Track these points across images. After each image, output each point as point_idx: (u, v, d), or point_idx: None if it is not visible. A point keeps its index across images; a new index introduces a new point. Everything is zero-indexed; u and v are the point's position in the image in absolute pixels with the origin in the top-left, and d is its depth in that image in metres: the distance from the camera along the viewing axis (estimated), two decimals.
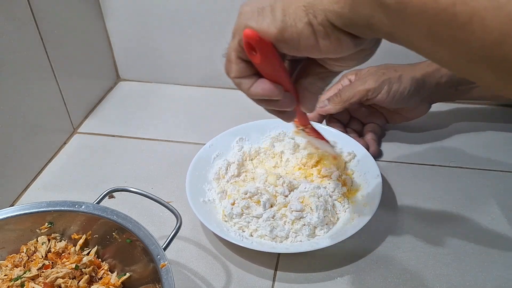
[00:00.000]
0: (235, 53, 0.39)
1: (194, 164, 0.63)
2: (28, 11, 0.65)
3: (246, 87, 0.40)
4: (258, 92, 0.40)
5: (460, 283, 0.52)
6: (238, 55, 0.39)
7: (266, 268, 0.55)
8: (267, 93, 0.40)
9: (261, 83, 0.40)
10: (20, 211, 0.49)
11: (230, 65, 0.40)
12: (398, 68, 0.66)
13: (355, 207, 0.58)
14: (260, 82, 0.40)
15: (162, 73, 0.89)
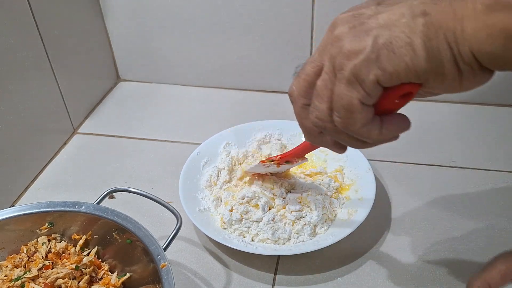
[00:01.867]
0: (359, 101, 0.32)
1: (184, 174, 0.62)
2: (28, 11, 0.65)
3: (376, 133, 0.34)
4: (396, 131, 0.35)
5: (460, 283, 0.52)
6: (365, 102, 0.33)
7: (266, 268, 0.55)
8: (405, 128, 0.35)
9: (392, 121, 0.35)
10: (20, 212, 0.49)
11: (353, 116, 0.33)
12: None
13: (351, 202, 0.59)
14: (389, 121, 0.35)
15: (162, 73, 0.89)
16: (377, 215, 0.59)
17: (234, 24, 0.79)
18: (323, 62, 0.34)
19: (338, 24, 0.34)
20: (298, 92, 0.37)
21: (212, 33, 0.81)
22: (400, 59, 0.30)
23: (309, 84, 0.36)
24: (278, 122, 0.70)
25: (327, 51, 0.34)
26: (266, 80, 0.84)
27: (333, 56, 0.33)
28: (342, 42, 0.32)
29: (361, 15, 0.33)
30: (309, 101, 0.36)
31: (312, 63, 0.35)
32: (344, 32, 0.33)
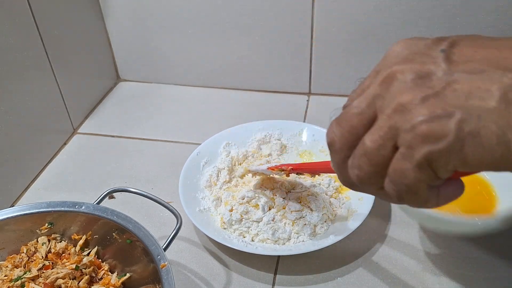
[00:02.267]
0: (427, 185, 0.29)
1: (184, 174, 0.62)
2: (28, 11, 0.65)
3: (433, 203, 0.31)
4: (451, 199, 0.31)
5: (460, 283, 0.52)
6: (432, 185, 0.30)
7: (266, 268, 0.55)
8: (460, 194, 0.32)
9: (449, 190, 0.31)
10: (20, 212, 0.49)
11: (415, 196, 0.30)
12: None
13: (351, 202, 0.59)
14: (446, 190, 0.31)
15: (162, 73, 0.89)
16: (377, 215, 0.59)
17: (234, 24, 0.79)
18: (374, 116, 0.30)
19: (399, 81, 0.29)
20: (341, 144, 0.32)
21: (212, 33, 0.81)
22: (488, 153, 0.26)
23: (355, 137, 0.31)
24: (278, 122, 0.70)
25: (385, 113, 0.29)
26: (266, 80, 0.84)
27: (397, 127, 0.28)
28: (413, 117, 0.27)
29: (430, 76, 0.28)
30: (351, 153, 0.32)
31: (359, 115, 0.31)
32: (414, 102, 0.28)
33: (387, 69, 0.30)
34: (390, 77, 0.29)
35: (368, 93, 0.31)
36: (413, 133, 0.27)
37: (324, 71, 0.81)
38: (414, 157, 0.28)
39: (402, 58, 0.30)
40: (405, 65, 0.29)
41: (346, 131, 0.32)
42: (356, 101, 0.31)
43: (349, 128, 0.31)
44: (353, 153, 0.32)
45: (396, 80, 0.29)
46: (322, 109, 0.80)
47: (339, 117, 0.32)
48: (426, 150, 0.27)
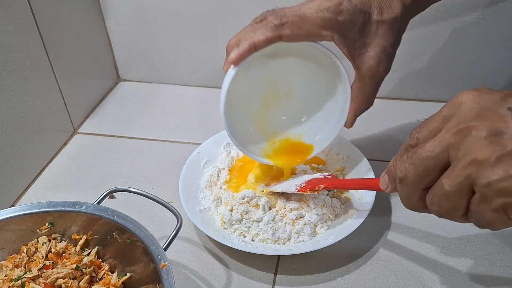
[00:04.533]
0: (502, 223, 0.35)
1: (184, 174, 0.62)
2: (28, 11, 0.65)
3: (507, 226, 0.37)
4: None
5: (460, 283, 0.52)
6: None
7: (266, 268, 0.55)
8: None
9: None
10: (20, 212, 0.49)
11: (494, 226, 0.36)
12: None
13: (352, 202, 0.59)
14: None
15: (162, 73, 0.89)
16: (377, 215, 0.59)
17: (234, 24, 0.79)
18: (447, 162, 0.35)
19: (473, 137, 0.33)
20: (415, 181, 0.37)
21: (212, 33, 0.81)
22: None
23: (429, 178, 0.36)
24: None
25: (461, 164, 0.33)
26: None
27: (474, 178, 0.33)
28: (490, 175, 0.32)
29: (501, 135, 0.33)
30: (424, 187, 0.37)
31: (434, 159, 0.35)
32: (490, 160, 0.32)
33: (461, 121, 0.34)
34: (465, 131, 0.34)
35: (443, 140, 0.35)
36: (490, 188, 0.32)
37: None
38: (491, 206, 0.33)
39: (475, 114, 0.34)
40: (478, 121, 0.34)
41: (421, 170, 0.36)
42: (430, 145, 0.35)
43: (424, 169, 0.36)
44: (432, 191, 0.37)
45: (470, 136, 0.33)
46: None
47: (411, 155, 0.37)
48: (502, 202, 0.32)
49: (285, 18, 0.48)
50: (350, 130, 0.58)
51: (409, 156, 0.37)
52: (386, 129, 0.75)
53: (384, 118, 0.77)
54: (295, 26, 0.48)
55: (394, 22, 0.50)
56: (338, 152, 0.66)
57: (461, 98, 0.35)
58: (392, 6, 0.50)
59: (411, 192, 0.38)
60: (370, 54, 0.51)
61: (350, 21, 0.49)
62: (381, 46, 0.51)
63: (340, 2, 0.49)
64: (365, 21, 0.50)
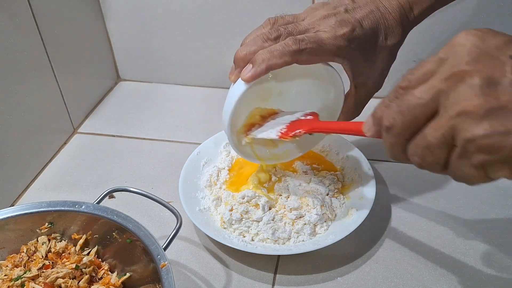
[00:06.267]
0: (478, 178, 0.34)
1: (184, 174, 0.62)
2: (28, 11, 0.65)
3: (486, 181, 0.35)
4: None
5: (460, 283, 0.52)
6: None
7: (266, 268, 0.55)
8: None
9: None
10: (20, 211, 0.49)
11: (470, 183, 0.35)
12: None
13: (352, 202, 0.59)
14: None
15: (162, 73, 0.89)
16: (377, 215, 0.59)
17: (234, 24, 0.79)
18: (435, 109, 0.33)
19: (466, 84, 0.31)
20: (401, 130, 0.35)
21: (212, 33, 0.81)
22: None
23: (415, 127, 0.34)
24: None
25: (448, 113, 0.31)
26: None
27: (458, 129, 0.31)
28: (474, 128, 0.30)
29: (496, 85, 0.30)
30: (409, 137, 0.35)
31: (423, 106, 0.33)
32: (478, 113, 0.30)
33: (454, 65, 0.32)
34: (457, 77, 0.31)
35: (433, 85, 0.32)
36: (473, 144, 0.30)
37: None
38: (471, 161, 0.31)
39: (471, 58, 0.31)
40: (474, 66, 0.31)
41: (408, 120, 0.34)
42: (419, 91, 0.33)
43: (411, 118, 0.34)
44: (413, 142, 0.34)
45: (463, 82, 0.31)
46: None
47: (399, 102, 0.34)
48: (482, 159, 0.31)
49: (304, 44, 0.47)
50: None
51: (397, 103, 0.34)
52: None
53: None
54: (312, 53, 0.48)
55: (395, 46, 0.53)
56: (338, 152, 0.66)
57: (460, 39, 0.33)
58: (394, 32, 0.52)
59: (396, 142, 0.36)
60: (370, 76, 0.53)
61: (360, 48, 0.50)
62: (380, 69, 0.53)
63: (354, 28, 0.49)
64: (371, 47, 0.51)
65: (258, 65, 0.48)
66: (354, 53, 0.50)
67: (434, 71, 0.33)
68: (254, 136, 0.55)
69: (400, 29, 0.52)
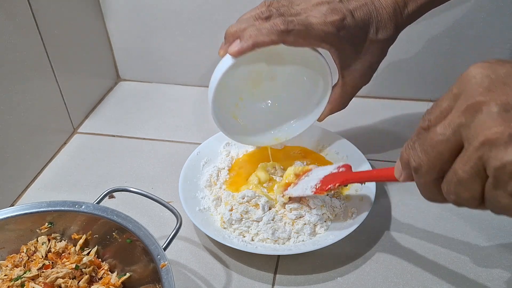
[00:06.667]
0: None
1: (184, 174, 0.62)
2: (28, 11, 0.65)
3: None
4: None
5: (460, 283, 0.52)
6: None
7: (266, 268, 0.55)
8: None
9: None
10: (20, 211, 0.49)
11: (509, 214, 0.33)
12: None
13: (352, 202, 0.59)
14: None
15: (162, 73, 0.89)
16: (377, 215, 0.59)
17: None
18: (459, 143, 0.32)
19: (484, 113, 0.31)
20: (429, 169, 0.35)
21: (212, 33, 0.81)
22: None
23: (443, 163, 0.34)
24: None
25: (473, 145, 0.31)
26: None
27: (486, 159, 0.31)
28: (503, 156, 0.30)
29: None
30: (439, 176, 0.35)
31: (446, 142, 0.33)
32: (503, 139, 0.30)
33: (469, 97, 0.32)
34: (474, 108, 0.31)
35: (452, 121, 0.32)
36: (504, 171, 0.30)
37: None
38: (507, 189, 0.30)
39: (484, 88, 0.31)
40: (488, 96, 0.31)
41: (433, 157, 0.34)
42: (441, 128, 0.33)
43: (436, 155, 0.33)
44: (446, 179, 0.34)
45: (481, 112, 0.31)
46: None
47: (423, 141, 0.35)
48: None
49: (292, 25, 0.49)
50: (350, 130, 0.58)
51: (420, 143, 0.35)
52: (386, 129, 0.75)
53: (384, 118, 0.77)
54: (300, 35, 0.49)
55: (386, 42, 0.54)
56: (338, 152, 0.66)
57: (471, 72, 0.33)
58: (386, 27, 0.53)
59: (427, 182, 0.36)
60: (357, 67, 0.54)
61: (349, 38, 0.51)
62: (369, 62, 0.54)
63: (344, 17, 0.50)
64: (361, 39, 0.52)
65: (245, 41, 0.49)
66: (342, 41, 0.51)
67: (451, 107, 0.33)
68: (291, 194, 0.57)
69: (392, 25, 0.52)
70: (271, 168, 0.63)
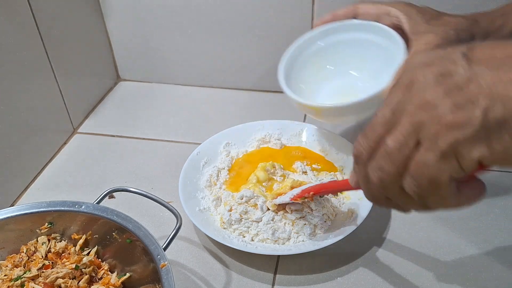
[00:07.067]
0: (450, 176, 0.29)
1: (184, 174, 0.62)
2: (28, 11, 0.65)
3: (453, 202, 0.31)
4: (474, 199, 0.32)
5: (460, 283, 0.52)
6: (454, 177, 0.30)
7: (266, 268, 0.55)
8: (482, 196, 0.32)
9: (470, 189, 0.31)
10: (20, 211, 0.49)
11: (437, 191, 0.30)
12: None
13: (351, 202, 0.59)
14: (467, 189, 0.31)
15: (162, 73, 0.89)
16: (377, 215, 0.59)
17: (234, 24, 0.79)
18: (398, 122, 0.30)
19: (421, 83, 0.29)
20: (368, 154, 0.33)
21: (212, 33, 0.81)
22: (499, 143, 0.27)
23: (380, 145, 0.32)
24: (278, 122, 0.70)
25: (408, 112, 0.30)
26: (266, 80, 0.84)
27: (422, 122, 0.29)
28: (438, 110, 0.28)
29: (451, 74, 0.28)
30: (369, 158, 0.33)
31: (384, 123, 0.31)
32: (438, 97, 0.28)
33: (407, 76, 0.30)
34: (411, 82, 0.30)
35: (391, 101, 0.31)
36: (439, 124, 0.28)
37: None
38: (439, 147, 0.28)
39: (422, 63, 0.30)
40: (425, 68, 0.30)
41: (372, 141, 0.32)
42: (380, 111, 0.32)
43: (375, 138, 0.32)
44: (375, 156, 0.32)
45: (417, 83, 0.29)
46: None
47: (365, 129, 0.33)
48: (452, 138, 0.27)
49: None
50: (351, 130, 0.58)
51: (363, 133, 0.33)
52: None
53: None
54: None
55: None
56: (338, 152, 0.66)
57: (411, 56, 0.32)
58: None
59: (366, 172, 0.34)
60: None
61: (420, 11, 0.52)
62: None
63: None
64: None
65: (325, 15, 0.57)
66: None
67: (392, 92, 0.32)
68: (275, 202, 0.57)
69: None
70: (271, 167, 0.63)
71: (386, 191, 0.33)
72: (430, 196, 0.30)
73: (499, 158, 0.27)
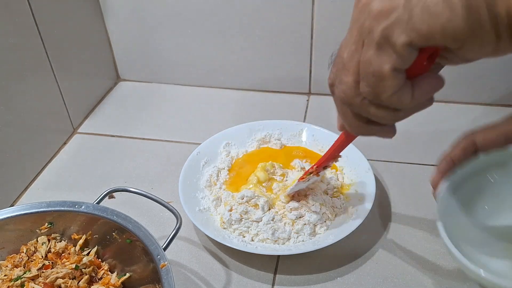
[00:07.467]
0: (391, 66, 0.30)
1: (184, 174, 0.62)
2: (28, 11, 0.65)
3: (408, 97, 0.32)
4: (429, 92, 0.33)
5: (460, 284, 0.52)
6: (396, 67, 0.30)
7: (266, 268, 0.55)
8: (439, 87, 0.33)
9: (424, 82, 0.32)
10: (20, 211, 0.49)
11: (383, 84, 0.31)
12: None
13: (351, 202, 0.59)
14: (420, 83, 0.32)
15: (162, 73, 0.89)
16: (377, 215, 0.59)
17: (234, 24, 0.79)
18: (351, 35, 0.32)
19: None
20: (335, 76, 0.34)
21: (212, 33, 0.81)
22: (435, 19, 0.27)
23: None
24: (278, 122, 0.70)
25: (354, 21, 0.31)
26: (266, 80, 0.84)
27: (362, 23, 0.30)
28: (370, 5, 0.30)
29: None
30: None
31: (344, 46, 0.33)
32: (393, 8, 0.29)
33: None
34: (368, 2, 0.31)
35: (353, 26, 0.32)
36: (370, 18, 0.30)
37: (324, 71, 0.81)
38: (373, 39, 0.30)
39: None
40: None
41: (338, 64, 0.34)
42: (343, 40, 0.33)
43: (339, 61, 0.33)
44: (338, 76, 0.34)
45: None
46: (322, 109, 0.80)
47: (333, 60, 0.35)
48: (381, 27, 0.29)
49: None
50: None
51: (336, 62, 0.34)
52: None
53: None
54: None
55: None
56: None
57: None
58: None
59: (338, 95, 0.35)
60: None
61: None
62: None
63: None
64: None
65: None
66: None
67: None
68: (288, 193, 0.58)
69: None
70: (271, 167, 0.63)
71: (353, 106, 0.34)
72: (382, 92, 0.31)
73: (428, 39, 0.28)
